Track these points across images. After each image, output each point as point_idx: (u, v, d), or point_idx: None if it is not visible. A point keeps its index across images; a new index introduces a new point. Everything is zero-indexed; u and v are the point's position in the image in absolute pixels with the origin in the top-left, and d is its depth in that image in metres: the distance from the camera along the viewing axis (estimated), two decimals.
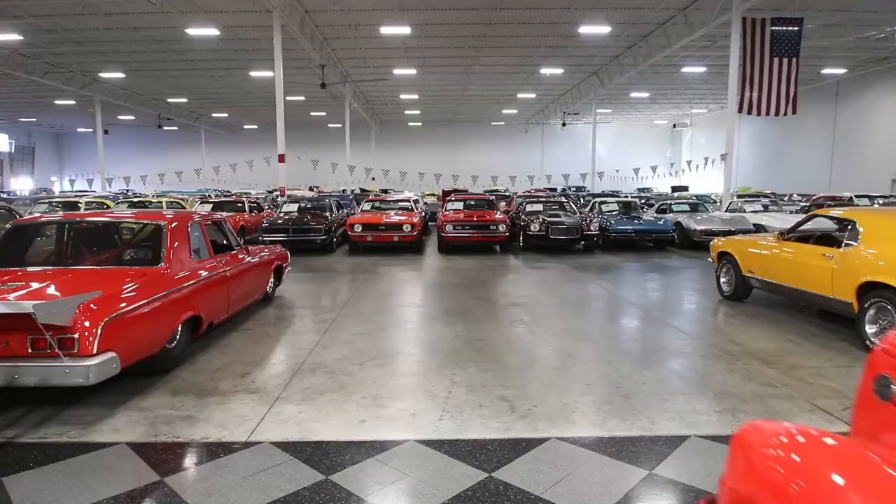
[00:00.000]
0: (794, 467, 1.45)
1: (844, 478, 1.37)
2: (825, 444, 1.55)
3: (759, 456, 1.55)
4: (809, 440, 1.56)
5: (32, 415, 3.99)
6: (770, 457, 1.52)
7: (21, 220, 5.69)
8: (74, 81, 28.19)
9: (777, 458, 1.51)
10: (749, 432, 1.67)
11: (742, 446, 1.64)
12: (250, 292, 6.87)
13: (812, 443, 1.55)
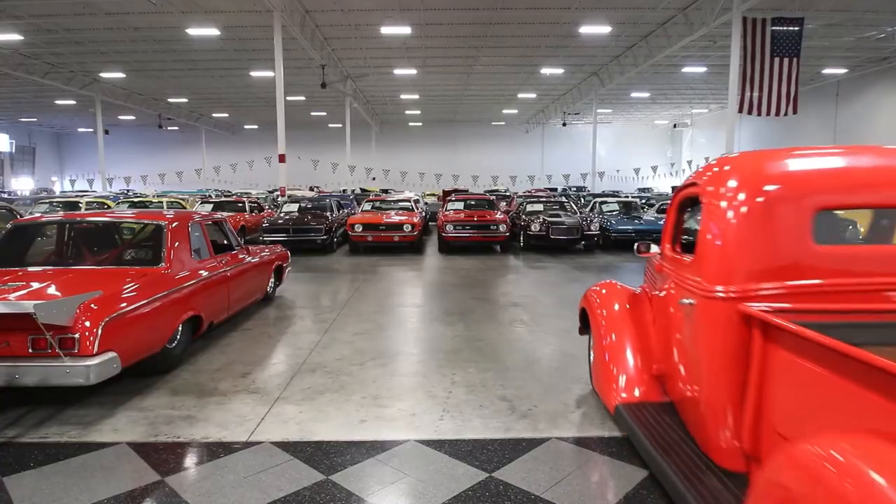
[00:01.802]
0: (598, 295, 4.23)
1: (611, 293, 4.13)
2: (616, 288, 4.22)
3: (591, 296, 4.29)
4: (610, 287, 4.22)
5: (33, 414, 3.99)
6: (592, 291, 4.36)
7: (22, 220, 5.69)
8: (75, 81, 28.20)
9: (594, 292, 4.31)
10: (593, 290, 4.36)
11: (588, 296, 4.34)
12: (251, 292, 6.87)
13: (610, 287, 4.23)
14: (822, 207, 2.57)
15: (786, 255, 2.58)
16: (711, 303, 2.65)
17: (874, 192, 2.64)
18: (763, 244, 2.60)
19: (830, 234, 2.83)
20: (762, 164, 2.79)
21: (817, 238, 2.57)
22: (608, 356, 3.78)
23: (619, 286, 4.24)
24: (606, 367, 3.77)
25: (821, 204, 2.57)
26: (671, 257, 3.36)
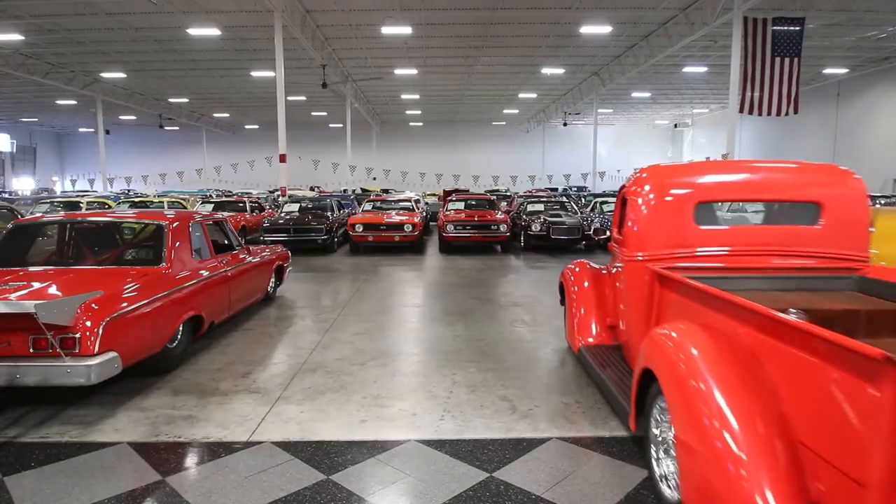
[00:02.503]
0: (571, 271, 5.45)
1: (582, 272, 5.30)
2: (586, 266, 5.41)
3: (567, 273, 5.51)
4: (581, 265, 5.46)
5: (33, 414, 4.00)
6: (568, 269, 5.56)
7: (22, 220, 5.70)
8: (76, 81, 28.22)
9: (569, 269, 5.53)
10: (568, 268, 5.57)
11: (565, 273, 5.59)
12: (251, 292, 6.87)
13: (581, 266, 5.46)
14: (699, 202, 3.86)
15: (676, 234, 3.83)
16: (632, 264, 4.00)
17: (733, 192, 4.07)
18: (662, 226, 3.87)
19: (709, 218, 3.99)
20: (663, 174, 4.07)
21: (697, 221, 3.83)
22: (576, 315, 5.11)
23: (588, 265, 5.47)
24: (575, 322, 5.09)
25: (698, 200, 3.85)
26: (616, 238, 4.56)
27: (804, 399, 2.17)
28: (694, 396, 2.49)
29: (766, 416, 2.28)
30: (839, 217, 3.82)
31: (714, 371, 2.48)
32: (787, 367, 2.27)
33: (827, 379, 2.02)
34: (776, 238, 3.88)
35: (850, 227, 3.84)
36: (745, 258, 3.81)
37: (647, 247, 3.87)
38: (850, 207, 3.84)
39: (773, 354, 2.37)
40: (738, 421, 2.28)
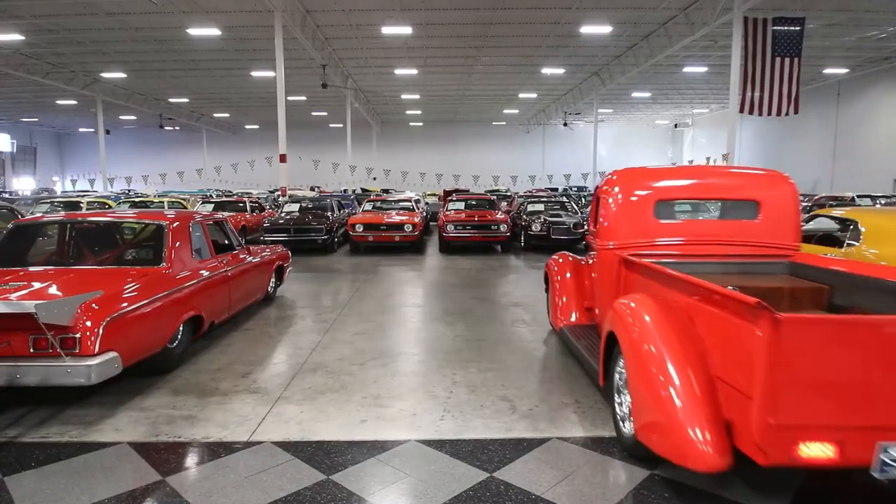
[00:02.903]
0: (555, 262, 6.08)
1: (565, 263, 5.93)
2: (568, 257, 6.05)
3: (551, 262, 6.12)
4: (564, 256, 6.08)
5: (34, 414, 4.00)
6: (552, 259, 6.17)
7: (23, 220, 5.70)
8: (76, 81, 28.22)
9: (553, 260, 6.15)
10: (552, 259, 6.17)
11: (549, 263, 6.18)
12: (251, 292, 6.87)
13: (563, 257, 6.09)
14: (658, 200, 4.60)
15: (639, 227, 4.57)
16: (604, 251, 4.74)
17: (687, 192, 4.83)
18: (627, 221, 4.61)
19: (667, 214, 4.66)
20: (629, 177, 4.79)
21: (657, 217, 4.57)
22: (559, 299, 5.76)
23: (570, 256, 6.14)
24: (557, 306, 5.74)
25: (657, 198, 4.59)
26: (591, 231, 5.31)
27: (719, 344, 2.90)
28: (642, 349, 3.20)
29: (693, 360, 2.98)
30: (774, 213, 4.58)
31: (659, 329, 3.18)
32: (708, 323, 3.01)
33: (731, 327, 2.76)
34: (723, 230, 4.65)
35: (784, 221, 4.59)
36: (696, 247, 4.59)
37: (616, 237, 4.65)
38: (784, 205, 4.60)
39: (699, 314, 3.10)
40: (673, 365, 2.98)
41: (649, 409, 3.03)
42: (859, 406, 2.48)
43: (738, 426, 2.70)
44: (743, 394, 2.63)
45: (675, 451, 2.82)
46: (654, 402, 2.99)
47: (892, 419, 2.48)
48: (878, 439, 2.47)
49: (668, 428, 2.85)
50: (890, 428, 2.48)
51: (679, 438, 2.79)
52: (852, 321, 2.63)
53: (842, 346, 2.46)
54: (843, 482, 3.12)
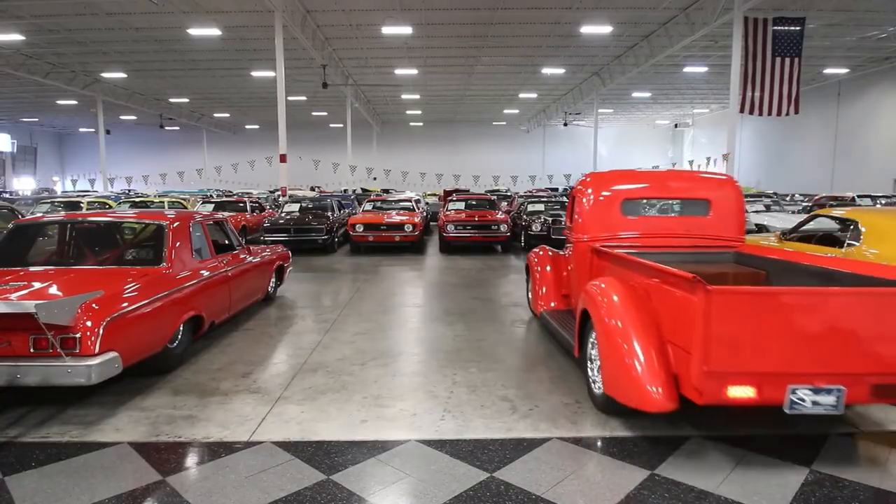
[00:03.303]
0: (535, 255, 6.78)
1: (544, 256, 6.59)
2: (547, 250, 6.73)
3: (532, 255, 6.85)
4: (543, 250, 6.76)
5: (34, 414, 4.00)
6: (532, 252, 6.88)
7: (23, 220, 5.70)
8: (76, 81, 28.24)
9: (533, 253, 6.85)
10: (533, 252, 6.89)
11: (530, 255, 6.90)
12: (252, 292, 6.87)
13: (543, 251, 6.76)
14: (624, 199, 5.34)
15: (608, 222, 5.29)
16: (578, 243, 5.44)
17: (648, 192, 5.59)
18: (598, 217, 5.33)
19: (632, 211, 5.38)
20: (600, 180, 5.57)
21: (623, 213, 5.29)
22: (539, 288, 6.46)
23: (549, 250, 6.81)
24: (538, 294, 6.45)
25: (623, 198, 5.34)
26: (568, 226, 5.97)
27: (668, 314, 3.58)
28: (610, 322, 3.87)
29: (649, 329, 3.66)
30: (722, 210, 5.37)
31: (623, 305, 3.87)
32: (660, 298, 3.70)
33: (676, 299, 3.44)
34: (679, 225, 5.42)
35: (730, 217, 5.39)
36: (656, 239, 5.32)
37: (589, 231, 5.36)
38: (730, 203, 5.41)
39: (654, 291, 3.80)
40: (634, 334, 3.66)
41: (616, 369, 3.73)
42: (773, 357, 3.16)
43: (682, 377, 3.39)
44: (685, 350, 3.32)
45: (635, 399, 3.52)
46: (619, 364, 3.68)
47: (799, 368, 3.17)
48: (788, 383, 3.16)
49: (630, 382, 3.56)
50: (798, 374, 3.17)
51: (638, 389, 3.50)
52: (762, 291, 3.23)
53: (756, 311, 3.15)
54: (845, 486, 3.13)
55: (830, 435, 3.70)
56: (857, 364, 3.18)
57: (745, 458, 3.39)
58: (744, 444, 3.55)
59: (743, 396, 3.19)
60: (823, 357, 3.17)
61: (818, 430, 3.76)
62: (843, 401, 3.18)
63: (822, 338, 3.16)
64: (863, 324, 3.17)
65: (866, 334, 3.18)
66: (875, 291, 3.27)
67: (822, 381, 3.17)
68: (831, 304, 3.20)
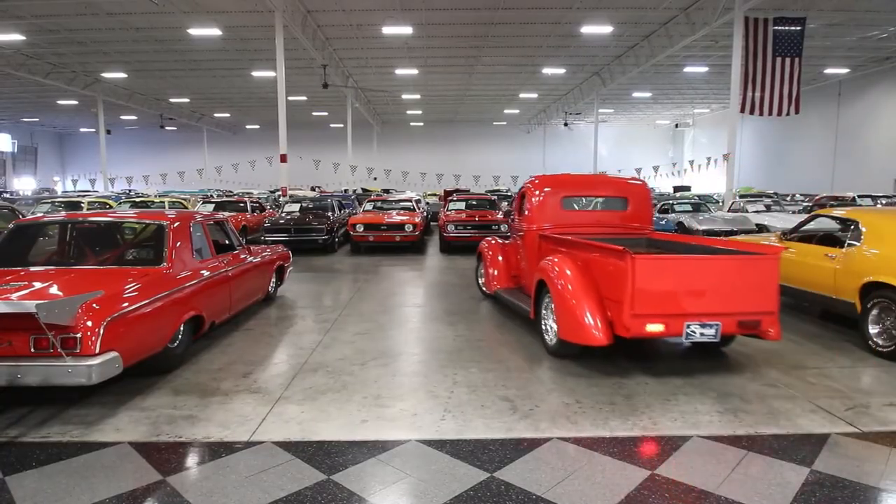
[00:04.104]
0: (487, 244, 8.12)
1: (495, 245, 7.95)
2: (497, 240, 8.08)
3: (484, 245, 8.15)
4: (494, 240, 8.11)
5: (34, 414, 4.00)
6: (484, 241, 8.25)
7: (23, 220, 5.70)
8: (77, 81, 28.25)
9: (485, 241, 8.20)
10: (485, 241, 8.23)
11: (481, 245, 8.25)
12: (252, 292, 6.87)
13: (494, 240, 8.11)
14: (564, 196, 6.67)
15: (551, 215, 6.61)
16: (529, 232, 6.68)
17: (582, 191, 7.02)
18: (543, 211, 6.63)
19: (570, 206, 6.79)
20: (545, 180, 7.03)
21: (563, 207, 6.63)
22: (492, 271, 7.72)
23: (498, 240, 8.10)
24: (491, 276, 7.73)
25: (563, 195, 6.68)
26: (516, 218, 7.33)
27: (604, 278, 4.95)
28: (563, 286, 5.22)
29: (591, 289, 5.06)
30: (636, 206, 6.87)
31: (571, 273, 5.27)
32: (598, 267, 5.08)
33: (610, 266, 4.82)
34: (606, 217, 6.87)
35: (643, 211, 6.92)
36: (589, 228, 6.66)
37: (537, 221, 6.68)
38: (643, 201, 6.94)
39: (592, 263, 5.20)
40: (581, 293, 5.05)
41: (569, 319, 5.06)
42: (675, 303, 4.61)
43: (615, 321, 4.78)
44: (618, 302, 4.71)
45: (583, 338, 4.91)
46: (571, 315, 5.02)
47: (691, 310, 4.62)
48: (685, 321, 4.61)
49: (580, 327, 4.93)
50: (690, 314, 4.61)
51: (585, 331, 4.89)
52: (667, 257, 4.96)
53: (663, 272, 4.64)
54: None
55: (831, 435, 3.70)
56: (727, 307, 4.69)
57: (746, 458, 3.39)
58: (744, 445, 3.55)
59: (656, 331, 4.64)
60: (706, 303, 4.65)
61: (818, 430, 3.77)
62: (720, 332, 4.67)
63: (705, 289, 4.66)
64: (729, 280, 4.69)
65: (731, 287, 4.68)
66: (735, 258, 4.80)
67: (706, 319, 4.64)
68: (709, 266, 4.78)
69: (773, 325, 4.82)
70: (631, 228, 6.78)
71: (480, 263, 8.35)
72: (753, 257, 4.81)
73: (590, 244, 5.27)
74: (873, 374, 4.96)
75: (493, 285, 7.59)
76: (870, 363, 5.24)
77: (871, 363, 5.24)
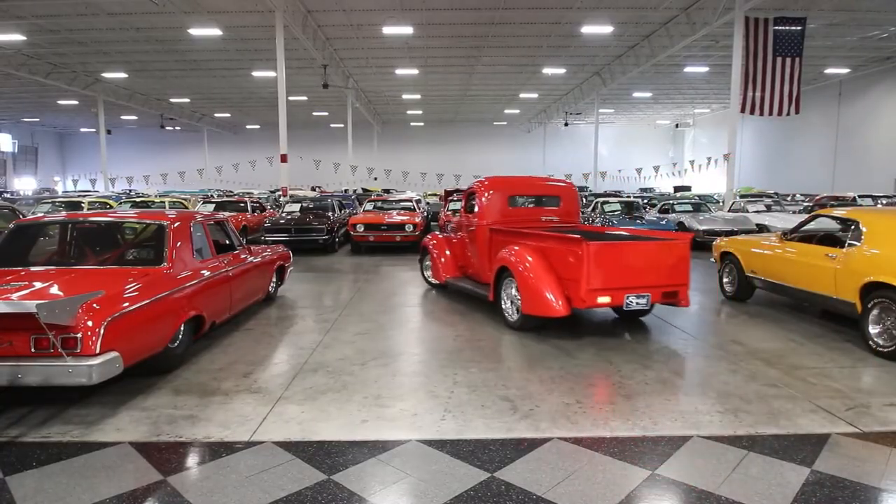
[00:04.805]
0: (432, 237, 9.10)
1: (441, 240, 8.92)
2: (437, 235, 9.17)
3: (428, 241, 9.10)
4: (435, 236, 9.17)
5: (35, 414, 4.00)
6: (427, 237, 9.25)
7: (24, 220, 5.71)
8: (77, 82, 28.26)
9: (431, 240, 9.06)
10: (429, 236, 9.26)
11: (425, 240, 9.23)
12: (252, 292, 6.88)
13: (435, 236, 9.16)
14: (509, 195, 7.74)
15: (499, 211, 7.58)
16: (480, 227, 7.51)
17: (525, 191, 8.23)
18: (492, 208, 7.57)
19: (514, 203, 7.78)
20: (492, 182, 7.91)
21: (509, 205, 7.70)
22: (440, 263, 8.58)
23: (442, 235, 9.06)
24: (439, 267, 8.60)
25: (508, 194, 7.73)
26: (466, 216, 8.12)
27: (561, 262, 5.94)
28: (525, 270, 6.20)
29: (549, 271, 6.03)
30: (567, 203, 8.10)
31: (532, 260, 6.22)
32: (555, 253, 6.07)
33: (567, 251, 5.87)
34: (545, 212, 8.01)
35: (572, 207, 8.15)
36: (529, 222, 7.75)
37: (487, 218, 7.55)
38: (572, 198, 8.19)
39: (549, 250, 6.18)
40: (542, 274, 6.03)
41: (533, 296, 6.05)
42: (617, 279, 5.77)
43: (572, 296, 5.84)
44: (574, 280, 5.78)
45: (545, 311, 5.92)
46: (535, 293, 6.04)
47: (629, 284, 5.81)
48: (625, 293, 5.78)
49: (542, 302, 5.94)
50: (628, 288, 5.80)
51: (547, 305, 5.91)
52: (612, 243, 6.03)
53: (608, 255, 5.77)
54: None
55: (831, 435, 3.70)
56: (654, 281, 5.92)
57: (746, 458, 3.39)
58: (744, 445, 3.55)
59: (605, 302, 5.80)
60: (639, 278, 5.86)
61: (819, 431, 3.76)
62: (650, 302, 5.93)
63: (638, 268, 5.88)
64: (654, 260, 5.99)
65: (656, 265, 5.97)
66: (659, 243, 6.21)
67: (640, 291, 5.84)
68: (641, 249, 6.01)
69: (685, 296, 6.14)
70: (563, 221, 7.97)
71: (426, 257, 9.13)
72: (671, 242, 6.19)
73: (549, 235, 6.37)
74: (874, 374, 4.96)
75: (443, 276, 8.43)
76: (870, 363, 5.23)
77: (872, 363, 5.23)
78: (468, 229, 7.92)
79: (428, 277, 9.13)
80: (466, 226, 8.01)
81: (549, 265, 6.07)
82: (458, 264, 8.37)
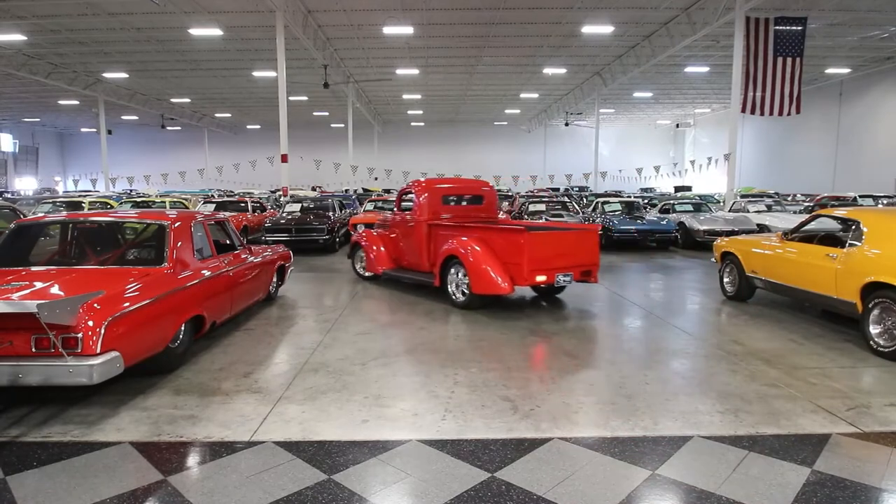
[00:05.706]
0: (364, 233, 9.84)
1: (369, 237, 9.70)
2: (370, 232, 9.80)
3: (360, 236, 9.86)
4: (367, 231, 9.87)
5: (36, 414, 4.00)
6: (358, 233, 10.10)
7: (25, 220, 5.71)
8: (78, 81, 28.27)
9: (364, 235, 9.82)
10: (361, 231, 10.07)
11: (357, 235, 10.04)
12: (253, 292, 6.88)
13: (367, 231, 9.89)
14: (442, 195, 8.87)
15: (433, 209, 8.63)
16: (418, 223, 8.54)
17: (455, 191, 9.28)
18: (428, 206, 8.59)
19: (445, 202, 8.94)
20: (427, 183, 8.91)
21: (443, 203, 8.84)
22: (373, 257, 9.33)
23: (374, 231, 9.68)
24: (372, 261, 9.35)
25: (441, 194, 8.85)
26: (401, 214, 9.08)
27: (506, 249, 7.20)
28: (474, 257, 7.29)
29: (495, 257, 7.24)
30: (489, 201, 9.36)
31: (479, 248, 7.34)
32: (498, 242, 7.33)
33: (510, 240, 7.21)
34: (471, 210, 9.08)
35: (492, 205, 9.44)
36: (460, 217, 8.70)
37: (424, 216, 8.46)
38: (492, 198, 9.46)
39: (491, 240, 7.42)
40: (489, 260, 7.23)
41: (481, 278, 7.14)
42: (548, 262, 7.08)
43: (515, 276, 7.01)
44: (517, 263, 6.97)
45: (493, 290, 7.07)
46: (483, 275, 7.13)
47: (558, 265, 7.17)
48: (556, 273, 7.13)
49: (490, 282, 7.08)
50: (558, 268, 7.15)
51: (495, 284, 7.05)
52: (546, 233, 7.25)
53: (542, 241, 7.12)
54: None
55: (832, 435, 3.70)
56: (575, 262, 7.32)
57: (747, 458, 3.39)
58: (745, 445, 3.55)
59: (541, 280, 7.05)
60: (565, 260, 7.24)
61: (819, 431, 3.76)
62: (573, 279, 7.31)
63: (564, 252, 7.29)
64: (574, 245, 7.45)
65: (575, 249, 7.41)
66: (577, 232, 7.83)
67: (565, 271, 7.20)
68: (565, 237, 7.51)
69: (595, 274, 7.65)
70: (486, 217, 9.17)
71: (357, 252, 9.94)
72: (585, 231, 7.92)
73: (492, 227, 7.77)
74: (874, 375, 4.96)
75: (378, 268, 9.25)
76: (871, 363, 5.23)
77: (873, 363, 5.23)
78: (407, 225, 8.75)
79: (359, 270, 9.91)
80: (402, 222, 8.90)
81: (493, 252, 7.21)
82: (391, 257, 9.20)
